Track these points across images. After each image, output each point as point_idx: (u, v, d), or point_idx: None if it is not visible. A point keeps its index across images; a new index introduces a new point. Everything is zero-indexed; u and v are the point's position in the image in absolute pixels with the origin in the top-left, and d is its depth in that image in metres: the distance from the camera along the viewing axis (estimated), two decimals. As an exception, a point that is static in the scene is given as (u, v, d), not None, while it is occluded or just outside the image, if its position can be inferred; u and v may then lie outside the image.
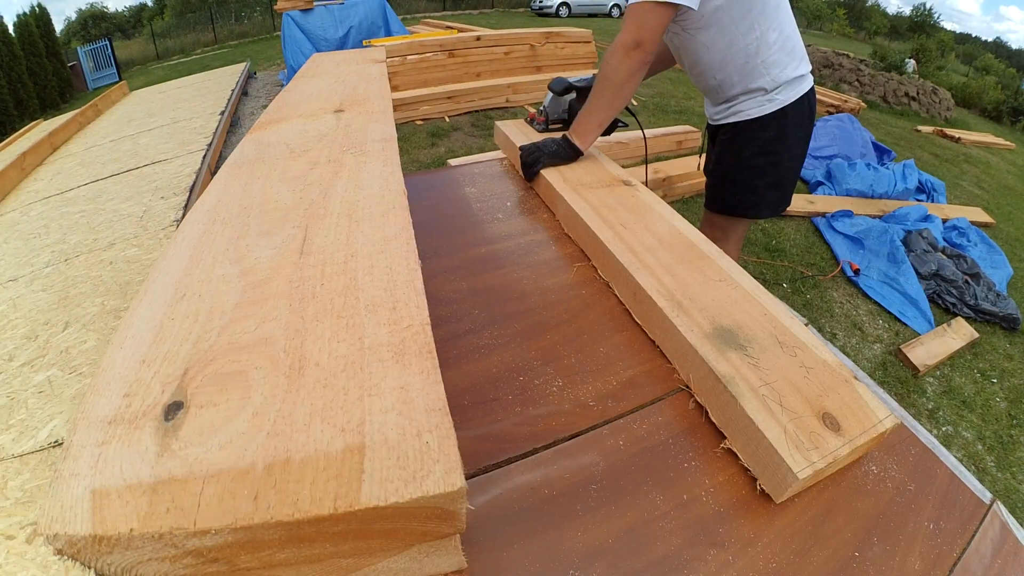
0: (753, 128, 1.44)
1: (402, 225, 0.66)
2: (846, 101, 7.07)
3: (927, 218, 3.70)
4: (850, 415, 0.60)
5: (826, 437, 0.58)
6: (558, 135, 1.26)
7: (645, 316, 0.79)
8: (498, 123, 1.42)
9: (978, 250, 3.51)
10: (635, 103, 5.97)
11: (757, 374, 0.63)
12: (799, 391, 0.62)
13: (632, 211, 1.00)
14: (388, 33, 7.01)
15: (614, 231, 0.93)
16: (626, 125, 1.43)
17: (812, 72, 1.49)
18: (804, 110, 1.44)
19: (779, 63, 1.36)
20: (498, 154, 1.43)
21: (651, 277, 0.80)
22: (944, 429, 2.22)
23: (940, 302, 3.00)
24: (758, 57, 1.34)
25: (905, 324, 2.81)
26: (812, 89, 1.45)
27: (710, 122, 1.61)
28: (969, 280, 3.07)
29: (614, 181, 1.13)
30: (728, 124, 1.49)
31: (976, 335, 2.74)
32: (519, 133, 1.35)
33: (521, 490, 0.57)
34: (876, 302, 2.94)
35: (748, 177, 1.50)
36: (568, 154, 1.21)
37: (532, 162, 1.19)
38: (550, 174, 1.15)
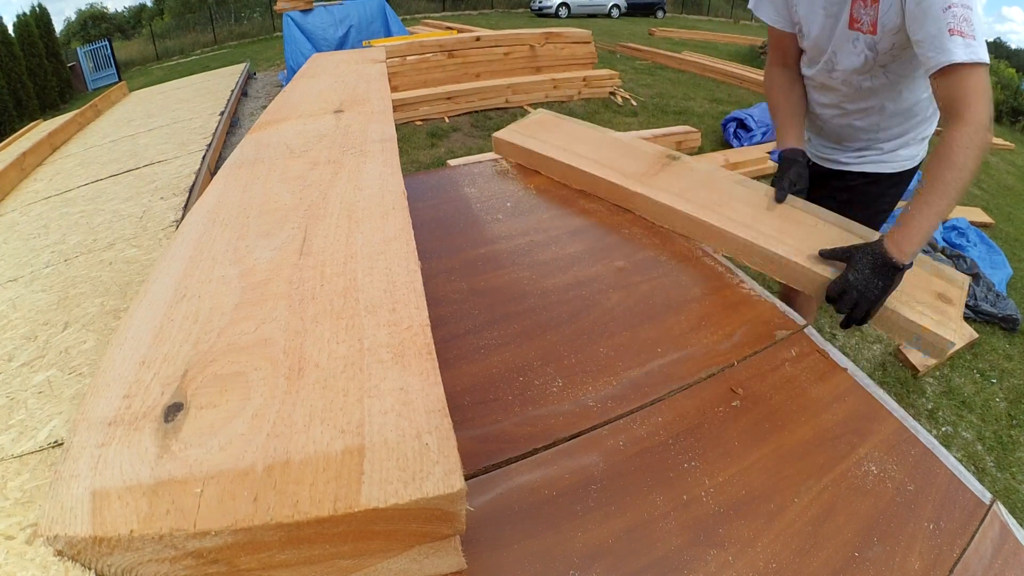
0: (892, 180, 1.33)
1: (402, 226, 0.66)
2: (846, 101, 7.06)
3: (927, 218, 3.69)
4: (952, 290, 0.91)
5: (948, 310, 0.84)
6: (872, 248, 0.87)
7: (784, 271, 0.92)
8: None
9: (977, 250, 3.51)
10: (634, 103, 5.97)
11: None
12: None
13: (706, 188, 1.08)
14: (388, 33, 7.01)
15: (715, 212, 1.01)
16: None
17: None
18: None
19: (935, 109, 1.22)
20: (497, 154, 1.43)
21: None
22: (944, 429, 2.22)
23: (940, 302, 2.99)
24: (928, 111, 1.24)
25: (905, 324, 2.81)
26: None
27: (830, 166, 1.39)
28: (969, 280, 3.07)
29: (662, 158, 1.18)
30: (859, 172, 1.33)
31: (976, 335, 2.74)
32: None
33: (521, 490, 0.57)
34: (876, 302, 2.94)
35: (875, 227, 1.21)
36: (890, 284, 0.84)
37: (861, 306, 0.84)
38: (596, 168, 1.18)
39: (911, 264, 0.85)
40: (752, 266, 0.97)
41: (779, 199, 1.05)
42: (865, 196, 1.33)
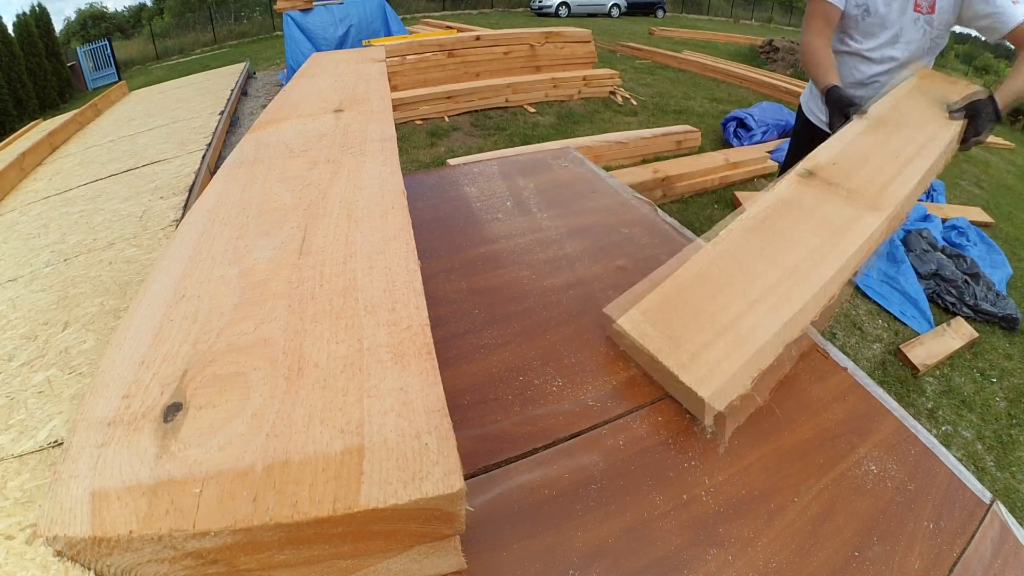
0: None
1: (401, 225, 0.66)
2: (846, 100, 7.05)
3: (926, 218, 3.70)
4: None
5: None
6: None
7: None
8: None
9: (977, 250, 3.51)
10: (635, 103, 5.97)
11: None
12: None
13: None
14: (388, 33, 7.01)
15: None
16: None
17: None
18: None
19: None
20: (497, 154, 1.43)
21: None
22: (944, 429, 2.22)
23: (940, 302, 3.00)
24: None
25: (905, 324, 2.81)
26: None
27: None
28: (968, 280, 3.07)
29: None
30: None
31: (975, 335, 2.74)
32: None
33: (521, 490, 0.57)
34: (875, 302, 2.94)
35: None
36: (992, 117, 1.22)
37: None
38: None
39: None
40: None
41: (851, 114, 1.21)
42: None
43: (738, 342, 0.66)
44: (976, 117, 1.20)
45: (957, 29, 1.55)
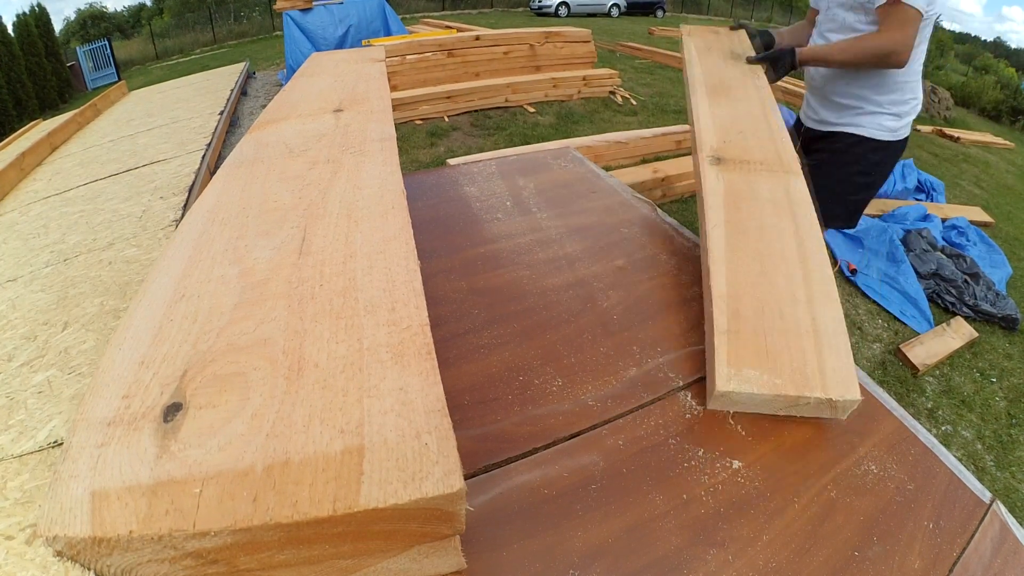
0: (868, 147, 1.50)
1: (401, 225, 0.66)
2: (845, 100, 7.05)
3: (926, 217, 3.70)
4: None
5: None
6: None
7: None
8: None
9: (977, 249, 3.51)
10: (634, 103, 5.97)
11: None
12: None
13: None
14: (387, 33, 7.00)
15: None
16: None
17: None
18: (902, 148, 1.54)
19: (916, 94, 1.46)
20: (497, 154, 1.43)
21: None
22: (943, 428, 2.22)
23: (939, 301, 3.00)
24: (910, 82, 1.45)
25: (904, 323, 2.81)
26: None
27: (812, 125, 1.65)
28: (968, 280, 3.07)
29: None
30: (843, 132, 1.54)
31: (975, 334, 2.74)
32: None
33: (521, 490, 0.57)
34: (875, 301, 2.94)
35: (842, 190, 1.56)
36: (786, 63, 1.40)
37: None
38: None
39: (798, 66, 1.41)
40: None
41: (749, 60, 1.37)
42: (845, 156, 1.54)
43: (821, 339, 0.68)
44: (776, 63, 1.40)
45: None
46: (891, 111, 1.48)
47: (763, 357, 0.64)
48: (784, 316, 0.69)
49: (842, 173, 1.54)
